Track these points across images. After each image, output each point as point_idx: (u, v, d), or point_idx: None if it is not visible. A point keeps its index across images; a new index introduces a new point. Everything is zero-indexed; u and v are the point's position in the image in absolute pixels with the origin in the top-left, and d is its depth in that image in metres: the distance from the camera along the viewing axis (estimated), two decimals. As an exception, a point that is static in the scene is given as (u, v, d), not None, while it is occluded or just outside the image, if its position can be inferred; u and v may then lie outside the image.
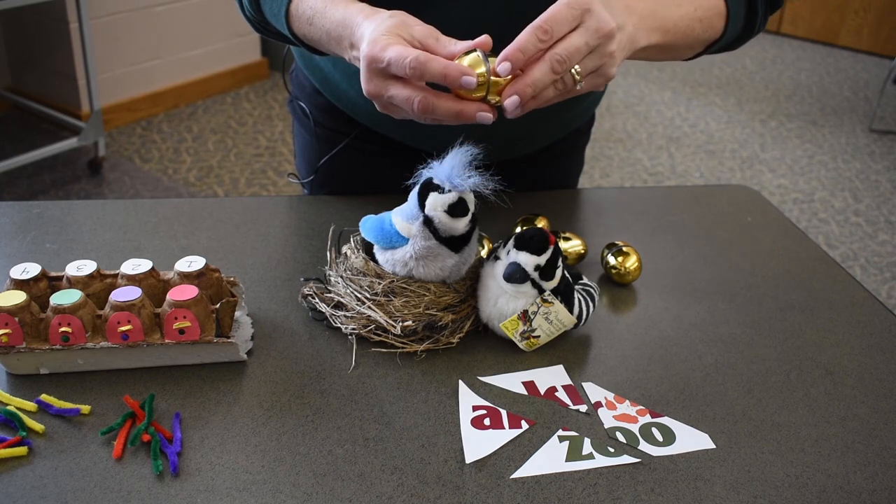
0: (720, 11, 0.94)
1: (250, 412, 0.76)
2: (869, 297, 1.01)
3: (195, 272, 0.83)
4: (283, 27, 0.91)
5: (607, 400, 0.81)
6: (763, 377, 0.86)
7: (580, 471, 0.72)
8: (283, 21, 0.90)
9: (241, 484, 0.68)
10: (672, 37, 0.89)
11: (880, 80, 4.55)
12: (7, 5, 2.72)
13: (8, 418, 0.73)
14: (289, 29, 0.90)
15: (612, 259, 0.99)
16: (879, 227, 3.17)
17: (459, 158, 0.79)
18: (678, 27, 0.89)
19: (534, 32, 0.74)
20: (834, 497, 0.71)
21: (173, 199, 1.17)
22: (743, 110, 4.19)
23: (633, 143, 3.77)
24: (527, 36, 0.74)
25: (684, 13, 0.89)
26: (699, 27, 0.92)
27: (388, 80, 0.75)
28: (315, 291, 0.90)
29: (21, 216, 1.07)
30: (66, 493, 0.67)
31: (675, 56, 0.96)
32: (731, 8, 0.95)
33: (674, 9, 0.89)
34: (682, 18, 0.89)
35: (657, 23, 0.86)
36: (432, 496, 0.68)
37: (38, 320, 0.78)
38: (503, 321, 0.84)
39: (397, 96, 0.75)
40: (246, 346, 0.84)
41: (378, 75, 0.75)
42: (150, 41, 3.59)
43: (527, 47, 0.74)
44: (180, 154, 3.35)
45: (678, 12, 0.89)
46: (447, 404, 0.79)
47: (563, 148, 1.20)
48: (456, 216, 0.81)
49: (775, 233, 1.15)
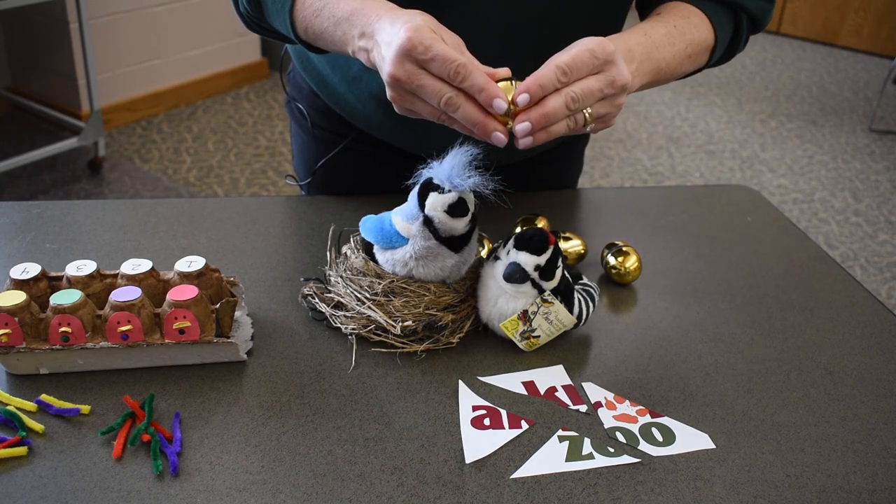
0: (708, 45, 0.96)
1: (250, 412, 0.76)
2: (869, 297, 1.01)
3: (195, 272, 0.83)
4: (285, 19, 0.90)
5: (607, 400, 0.81)
6: (763, 377, 0.86)
7: (580, 471, 0.72)
8: (287, 12, 0.89)
9: (241, 484, 0.68)
10: (660, 77, 0.91)
11: (880, 80, 4.55)
12: (7, 5, 2.71)
13: (8, 418, 0.73)
14: (291, 22, 0.89)
15: (612, 259, 0.99)
16: (879, 227, 3.17)
17: (459, 158, 0.79)
18: (669, 67, 0.91)
19: (554, 71, 0.76)
20: (834, 497, 0.71)
21: (173, 199, 1.17)
22: (743, 110, 4.19)
23: (633, 143, 3.77)
24: (548, 73, 0.76)
25: (676, 52, 0.91)
26: (687, 63, 0.94)
27: (421, 70, 0.76)
28: (315, 291, 0.90)
29: (21, 216, 1.07)
30: (66, 493, 0.67)
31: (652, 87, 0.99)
32: (719, 40, 0.96)
33: (667, 48, 0.90)
34: (675, 58, 0.91)
35: (651, 66, 0.88)
36: (432, 496, 0.68)
37: (38, 320, 0.78)
38: (503, 321, 0.84)
39: (429, 87, 0.75)
40: (246, 346, 0.84)
41: (413, 62, 0.75)
42: (150, 41, 3.59)
43: (546, 84, 0.76)
44: (180, 154, 3.35)
45: (671, 52, 0.90)
46: (447, 404, 0.79)
47: (563, 148, 1.20)
48: (456, 216, 0.81)
49: (775, 233, 1.15)
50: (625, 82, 0.79)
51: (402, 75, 0.76)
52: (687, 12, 0.95)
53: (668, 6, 0.97)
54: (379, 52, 0.78)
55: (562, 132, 0.79)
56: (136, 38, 3.52)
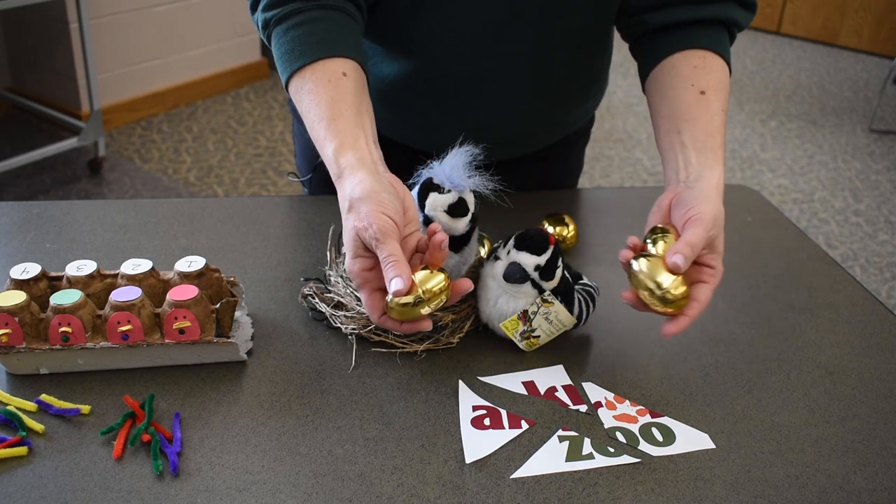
0: (727, 85, 0.92)
1: (250, 412, 0.76)
2: (869, 297, 1.01)
3: (195, 272, 0.83)
4: (283, 82, 0.89)
5: (607, 400, 0.81)
6: (763, 377, 0.86)
7: (580, 471, 0.72)
8: (283, 82, 0.88)
9: (241, 484, 0.68)
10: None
11: (880, 80, 4.55)
12: (7, 5, 2.71)
13: (8, 418, 0.73)
14: (286, 86, 0.88)
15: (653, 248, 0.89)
16: (879, 227, 3.17)
17: (459, 158, 0.79)
18: (723, 138, 0.89)
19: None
20: (834, 497, 0.71)
21: (173, 199, 1.17)
22: (743, 110, 4.19)
23: (633, 143, 3.77)
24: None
25: (721, 120, 0.89)
26: (725, 118, 0.91)
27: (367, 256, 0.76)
28: (315, 291, 0.90)
29: (21, 216, 1.07)
30: (66, 493, 0.67)
31: None
32: (731, 66, 0.94)
33: (719, 122, 0.88)
34: (723, 125, 0.89)
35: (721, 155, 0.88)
36: (432, 496, 0.68)
37: (38, 320, 0.78)
38: (503, 321, 0.84)
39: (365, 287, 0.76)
40: (246, 346, 0.84)
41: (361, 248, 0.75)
42: (150, 41, 3.59)
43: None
44: (180, 154, 3.35)
45: (721, 122, 0.89)
46: (447, 404, 0.79)
47: (563, 148, 1.20)
48: (456, 216, 0.81)
49: (775, 233, 1.15)
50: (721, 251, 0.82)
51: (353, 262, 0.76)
52: (702, 61, 0.92)
53: (683, 62, 0.93)
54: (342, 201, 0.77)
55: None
56: (136, 38, 3.52)
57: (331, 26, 0.86)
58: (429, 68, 1.01)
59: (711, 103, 0.89)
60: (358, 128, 0.80)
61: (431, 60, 1.00)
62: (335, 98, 0.81)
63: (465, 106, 1.04)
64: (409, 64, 1.01)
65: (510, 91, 1.03)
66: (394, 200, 0.75)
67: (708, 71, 0.91)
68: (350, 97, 0.82)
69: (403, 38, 1.00)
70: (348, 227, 0.75)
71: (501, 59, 0.99)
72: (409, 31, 0.98)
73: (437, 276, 0.74)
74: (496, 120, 1.06)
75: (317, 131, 0.81)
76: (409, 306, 0.73)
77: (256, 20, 0.91)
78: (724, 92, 0.91)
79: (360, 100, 0.82)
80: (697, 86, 0.90)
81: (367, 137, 0.80)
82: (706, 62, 0.92)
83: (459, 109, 1.04)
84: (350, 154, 0.78)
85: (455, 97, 1.03)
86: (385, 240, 0.72)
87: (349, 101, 0.81)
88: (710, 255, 0.81)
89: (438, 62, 1.00)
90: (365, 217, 0.73)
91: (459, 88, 1.02)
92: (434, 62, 1.00)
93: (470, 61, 0.99)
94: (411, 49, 1.00)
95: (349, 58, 0.84)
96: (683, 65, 0.92)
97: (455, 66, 1.00)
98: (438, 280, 0.74)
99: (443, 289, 0.74)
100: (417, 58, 1.01)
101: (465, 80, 1.01)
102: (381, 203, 0.73)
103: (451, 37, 0.97)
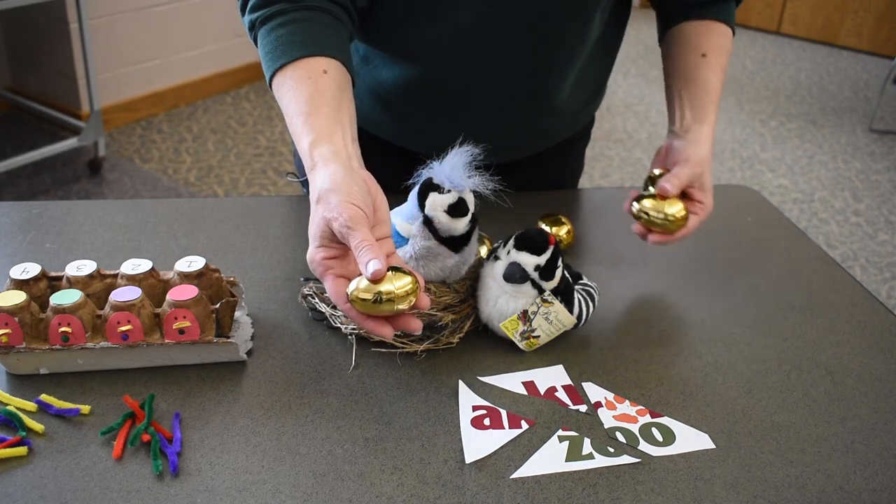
0: (728, 49, 1.07)
1: (250, 412, 0.76)
2: (869, 297, 1.01)
3: (195, 272, 0.83)
4: (267, 78, 0.88)
5: (607, 400, 0.81)
6: (763, 377, 0.86)
7: (580, 471, 0.72)
8: (267, 79, 0.87)
9: (241, 484, 0.68)
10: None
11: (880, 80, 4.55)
12: (7, 5, 2.71)
13: (8, 418, 0.73)
14: (269, 83, 0.88)
15: (650, 207, 0.96)
16: (879, 227, 3.17)
17: (459, 158, 0.79)
18: (718, 95, 1.03)
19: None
20: (834, 497, 0.71)
21: (173, 199, 1.17)
22: (743, 110, 4.19)
23: (633, 143, 3.77)
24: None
25: (719, 79, 1.03)
26: (723, 77, 1.05)
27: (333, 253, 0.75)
28: (315, 291, 0.90)
29: (21, 216, 1.07)
30: (66, 493, 0.67)
31: None
32: (734, 29, 1.07)
33: (715, 80, 1.02)
34: (720, 83, 1.03)
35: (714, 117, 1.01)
36: (432, 496, 0.68)
37: (38, 320, 0.78)
38: (503, 321, 0.84)
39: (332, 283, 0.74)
40: (246, 346, 0.84)
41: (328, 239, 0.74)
42: (150, 41, 3.59)
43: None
44: (180, 154, 3.35)
45: (717, 80, 1.03)
46: (447, 404, 0.79)
47: (563, 149, 1.20)
48: (456, 216, 0.81)
49: (775, 233, 1.15)
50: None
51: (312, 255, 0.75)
52: (706, 28, 1.05)
53: (690, 29, 1.06)
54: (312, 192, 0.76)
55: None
56: (136, 38, 3.52)
57: (314, 27, 0.85)
58: (428, 74, 1.01)
59: (711, 65, 1.03)
60: (335, 122, 0.79)
61: (431, 67, 1.00)
62: (314, 94, 0.81)
63: (465, 112, 1.04)
64: (409, 70, 1.01)
65: (509, 98, 1.03)
66: (364, 195, 0.73)
67: (710, 36, 1.05)
68: (329, 93, 0.81)
69: (403, 45, 1.00)
70: (316, 218, 0.73)
71: (500, 67, 0.99)
72: (409, 37, 0.98)
73: (404, 277, 0.70)
74: (495, 126, 1.06)
75: (294, 125, 0.81)
76: (368, 302, 0.69)
77: (244, 22, 0.91)
78: (724, 56, 1.05)
79: (340, 97, 0.82)
80: (699, 49, 1.04)
81: (345, 133, 0.79)
82: (709, 29, 1.05)
83: (459, 115, 1.04)
84: (325, 147, 0.77)
85: (454, 103, 1.03)
86: (356, 227, 0.70)
87: (328, 98, 0.81)
88: (700, 193, 0.97)
89: (438, 69, 1.00)
90: (335, 208, 0.71)
91: (459, 95, 1.02)
92: (433, 69, 1.00)
93: (469, 69, 0.99)
94: (411, 55, 1.00)
95: (332, 57, 0.84)
96: (690, 31, 1.06)
97: (454, 73, 1.00)
98: (405, 282, 0.70)
99: (409, 292, 0.70)
100: (417, 64, 1.01)
101: (464, 86, 1.01)
102: (350, 195, 0.72)
103: (450, 44, 0.97)
